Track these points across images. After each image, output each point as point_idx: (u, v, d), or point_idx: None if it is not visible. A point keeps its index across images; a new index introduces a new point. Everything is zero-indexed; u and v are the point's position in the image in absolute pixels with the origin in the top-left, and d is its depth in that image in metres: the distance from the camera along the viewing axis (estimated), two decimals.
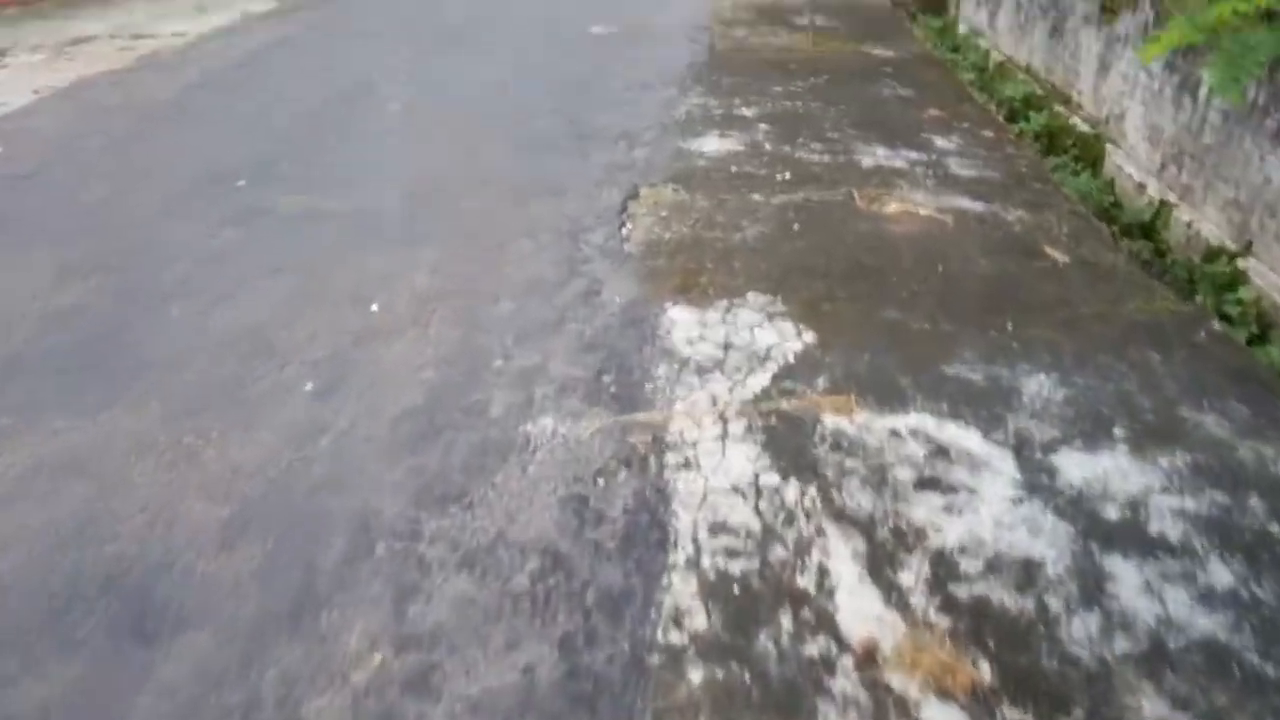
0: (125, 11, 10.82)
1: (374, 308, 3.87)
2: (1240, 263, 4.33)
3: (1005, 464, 2.94)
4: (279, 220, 4.79)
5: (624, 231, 4.67)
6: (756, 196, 5.16)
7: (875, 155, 5.93)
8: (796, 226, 4.79)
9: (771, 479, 2.84)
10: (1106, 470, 2.91)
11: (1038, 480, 2.86)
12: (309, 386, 3.33)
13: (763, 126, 6.44)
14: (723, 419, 3.14)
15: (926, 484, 2.84)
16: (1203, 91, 4.90)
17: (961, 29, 9.99)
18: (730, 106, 6.90)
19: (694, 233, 4.68)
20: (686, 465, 2.91)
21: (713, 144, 6.04)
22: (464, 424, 3.11)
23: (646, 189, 5.23)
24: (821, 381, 3.38)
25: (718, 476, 2.85)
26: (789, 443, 3.02)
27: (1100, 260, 4.54)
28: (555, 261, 4.28)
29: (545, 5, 10.99)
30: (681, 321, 3.79)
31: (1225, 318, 4.02)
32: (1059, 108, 7.07)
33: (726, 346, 3.60)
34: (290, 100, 7.02)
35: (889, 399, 3.28)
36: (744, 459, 2.94)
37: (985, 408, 3.23)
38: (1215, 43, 4.28)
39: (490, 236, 4.57)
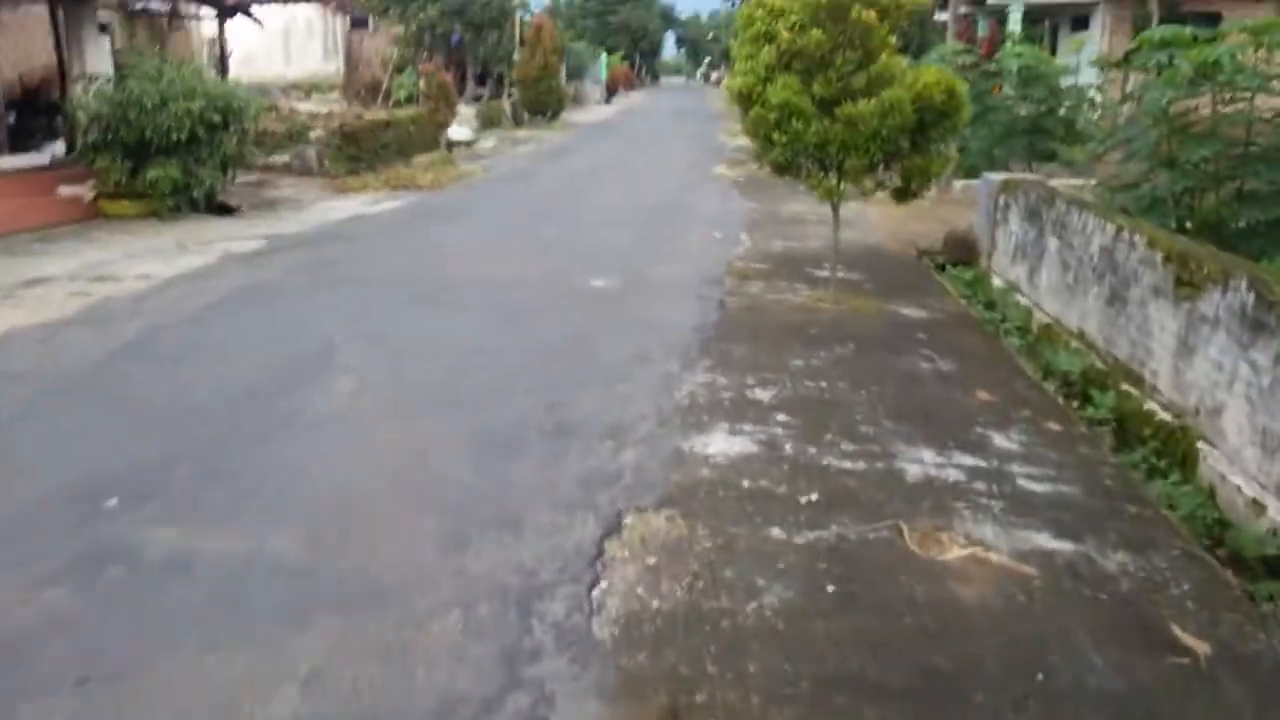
0: (101, 248, 10.22)
1: None
2: None
3: None
4: (127, 574, 3.54)
5: (596, 595, 3.41)
6: (776, 532, 3.92)
7: (922, 461, 4.75)
8: (831, 588, 3.52)
9: None
10: None
11: None
12: None
13: (781, 417, 5.31)
14: None
15: None
16: None
17: (995, 283, 9.14)
18: (742, 387, 5.82)
19: (691, 599, 3.41)
20: None
21: (720, 443, 4.89)
22: None
23: (633, 517, 4.02)
24: None
25: None
26: None
27: (1246, 648, 3.23)
28: (486, 661, 3.00)
29: (548, 255, 10.32)
30: None
31: None
32: (1128, 387, 5.97)
33: None
34: (229, 372, 6.02)
35: None
36: None
37: None
38: None
39: (401, 608, 3.30)
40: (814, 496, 4.26)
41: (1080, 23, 23.87)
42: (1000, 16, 23.25)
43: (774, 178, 8.48)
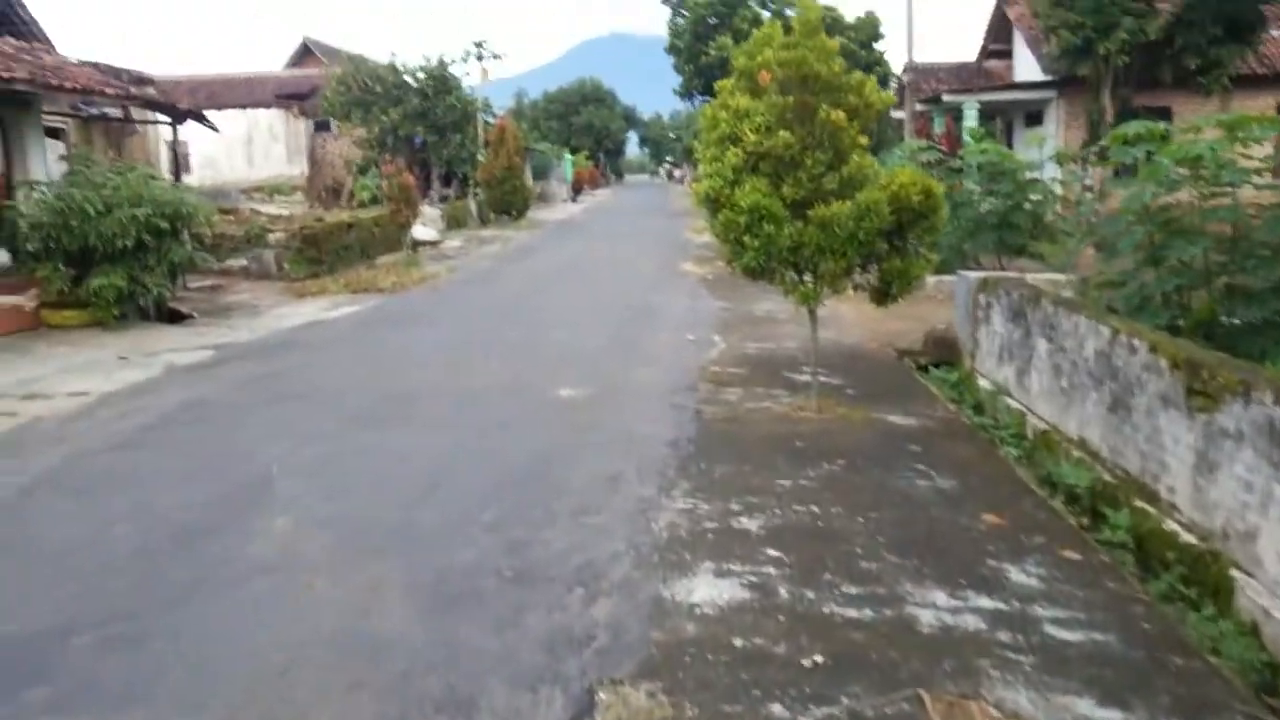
0: (37, 362, 9.58)
1: None
2: None
3: None
4: None
5: None
6: (778, 710, 3.34)
7: (935, 605, 4.20)
8: None
9: None
10: None
11: None
12: None
13: (772, 551, 4.76)
14: None
15: None
16: None
17: (982, 384, 8.76)
18: (726, 514, 5.28)
19: None
20: None
21: (706, 589, 4.31)
22: None
23: (608, 693, 3.41)
24: None
25: None
26: None
27: None
28: None
29: (514, 362, 9.83)
30: None
31: None
32: (1142, 504, 5.50)
33: None
34: (152, 509, 5.37)
35: None
36: None
37: None
38: None
39: None
40: (818, 658, 3.68)
41: (1034, 118, 24.39)
42: (956, 113, 23.69)
43: (744, 277, 8.12)
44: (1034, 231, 14.41)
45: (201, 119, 16.63)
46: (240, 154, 37.09)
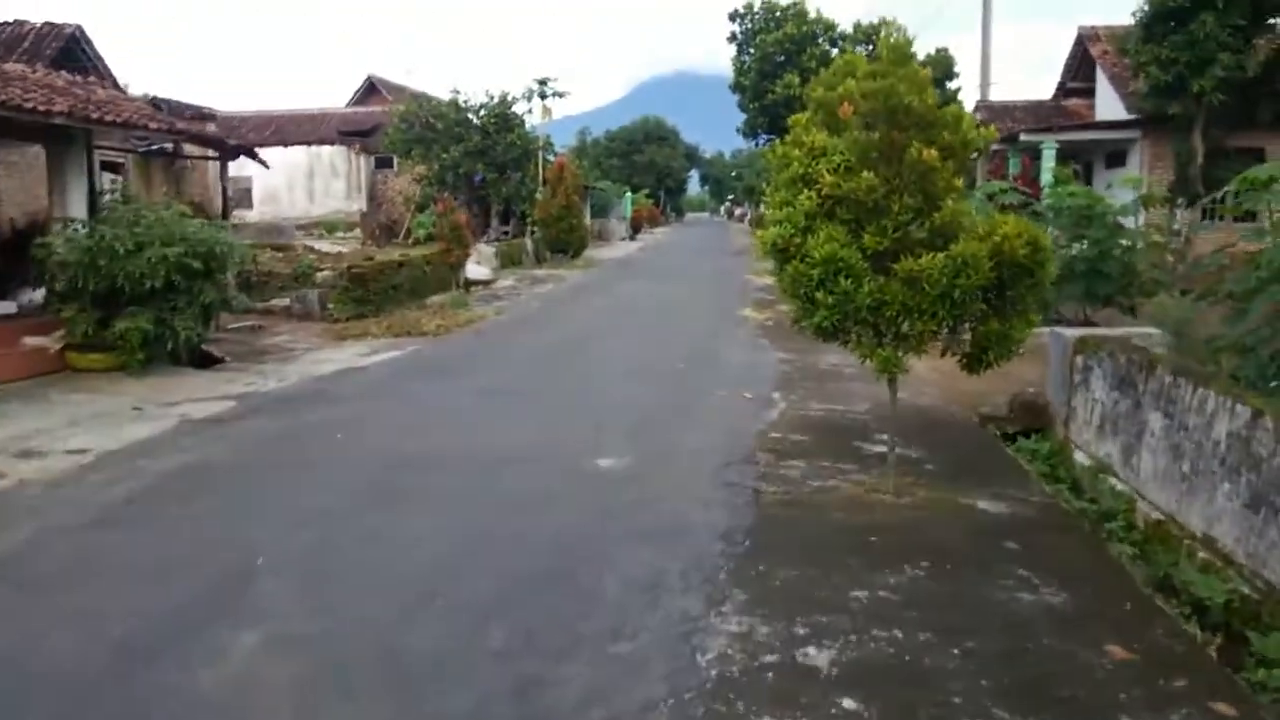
0: (44, 413, 8.97)
1: None
2: None
3: None
4: None
5: None
6: None
7: None
8: None
9: None
10: None
11: None
12: None
13: (849, 704, 3.73)
14: None
15: None
16: None
17: (1079, 458, 7.61)
18: (790, 642, 4.26)
19: None
20: None
21: None
22: None
23: None
24: None
25: None
26: None
27: None
28: None
29: (550, 421, 8.95)
30: None
31: None
32: None
33: None
34: (104, 612, 4.55)
35: None
36: None
37: None
38: None
39: None
40: None
41: (1116, 159, 23.02)
42: (1033, 153, 22.45)
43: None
44: (1125, 282, 13.22)
45: (252, 155, 16.26)
46: (302, 189, 37.29)
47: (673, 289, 23.42)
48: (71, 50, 19.22)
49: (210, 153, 17.68)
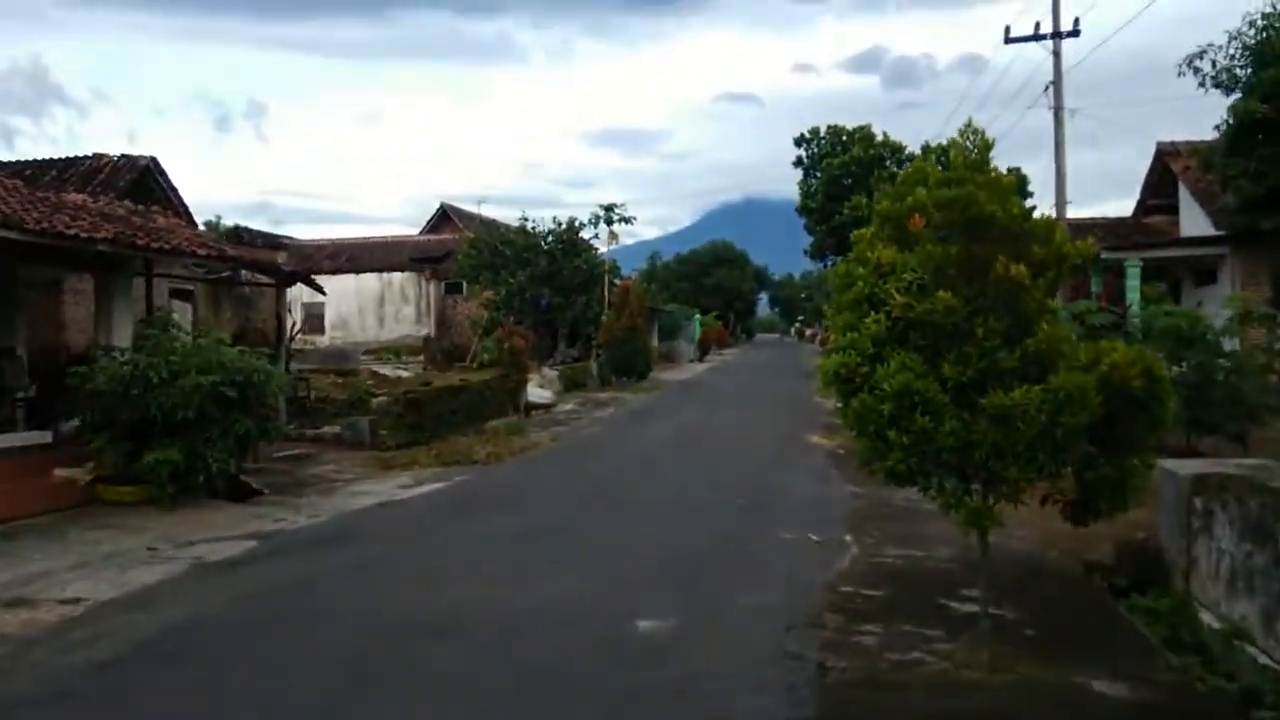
0: (56, 552, 8.39)
1: None
2: None
3: None
4: None
5: None
6: None
7: None
8: None
9: None
10: None
11: None
12: None
13: None
14: None
15: None
16: None
17: (1205, 619, 6.37)
18: None
19: None
20: None
21: None
22: None
23: None
24: None
25: None
26: None
27: None
28: None
29: (591, 568, 8.03)
30: None
31: None
32: None
33: None
34: None
35: None
36: None
37: None
38: None
39: None
40: None
41: (1206, 276, 21.73)
42: (1117, 271, 21.33)
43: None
44: (1231, 407, 11.96)
45: (308, 281, 16.19)
46: (372, 315, 37.85)
47: (737, 412, 22.51)
48: (144, 181, 19.78)
49: (267, 279, 17.73)
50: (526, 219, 34.01)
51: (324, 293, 19.22)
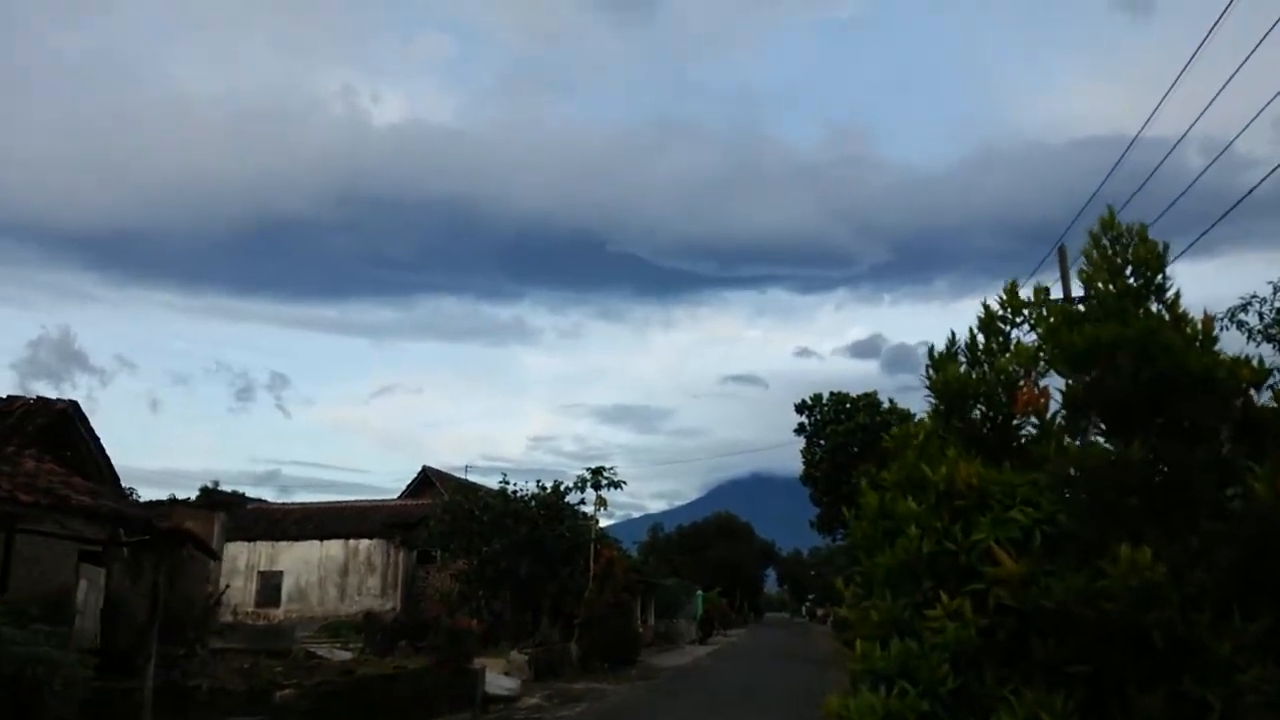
0: None
1: None
2: None
3: None
4: None
5: None
6: None
7: None
8: None
9: None
10: None
11: None
12: None
13: None
14: None
15: None
16: None
17: None
18: None
19: None
20: None
21: None
22: None
23: None
24: None
25: None
26: None
27: None
28: None
29: None
30: None
31: None
32: None
33: None
34: None
35: None
36: None
37: None
38: None
39: None
40: None
41: None
42: None
43: None
44: None
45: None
46: (334, 585, 34.25)
47: (739, 714, 18.54)
48: (58, 428, 17.39)
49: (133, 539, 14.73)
50: (508, 481, 31.25)
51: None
